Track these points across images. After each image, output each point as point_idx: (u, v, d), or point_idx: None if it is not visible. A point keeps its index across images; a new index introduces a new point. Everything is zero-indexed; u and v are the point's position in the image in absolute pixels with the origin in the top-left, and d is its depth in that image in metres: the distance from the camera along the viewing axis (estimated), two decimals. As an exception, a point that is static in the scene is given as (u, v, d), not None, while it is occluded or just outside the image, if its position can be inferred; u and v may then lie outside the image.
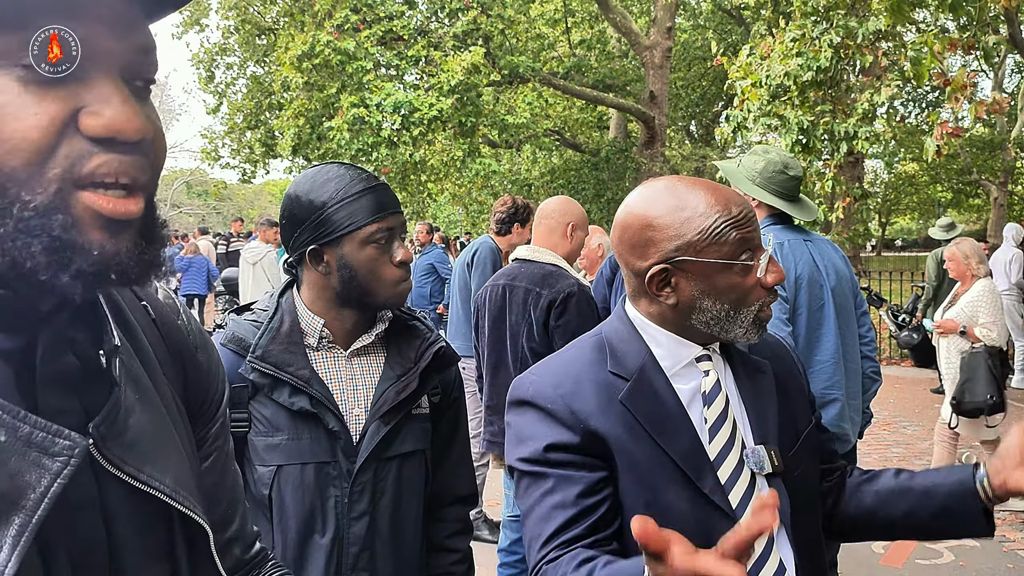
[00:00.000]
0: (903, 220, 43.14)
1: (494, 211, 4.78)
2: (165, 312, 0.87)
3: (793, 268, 2.76)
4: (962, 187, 27.80)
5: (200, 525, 0.77)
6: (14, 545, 0.59)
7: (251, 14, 17.92)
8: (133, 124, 0.64)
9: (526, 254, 3.00)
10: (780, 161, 2.92)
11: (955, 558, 4.47)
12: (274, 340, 1.53)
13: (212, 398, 0.91)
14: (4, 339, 0.66)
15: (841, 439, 2.82)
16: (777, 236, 2.83)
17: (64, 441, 0.64)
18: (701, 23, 22.77)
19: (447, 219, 27.91)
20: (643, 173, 17.98)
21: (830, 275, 2.83)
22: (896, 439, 7.06)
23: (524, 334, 2.86)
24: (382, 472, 1.53)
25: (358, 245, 1.50)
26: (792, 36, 7.07)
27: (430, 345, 1.59)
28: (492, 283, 3.04)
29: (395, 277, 1.53)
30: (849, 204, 7.77)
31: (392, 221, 1.53)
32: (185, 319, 0.90)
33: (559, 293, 2.79)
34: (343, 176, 1.52)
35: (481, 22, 14.64)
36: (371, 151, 13.37)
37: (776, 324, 2.68)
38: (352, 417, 1.54)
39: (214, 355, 0.93)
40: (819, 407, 2.74)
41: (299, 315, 1.57)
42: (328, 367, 1.56)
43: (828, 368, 2.76)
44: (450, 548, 1.67)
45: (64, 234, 0.62)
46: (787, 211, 2.91)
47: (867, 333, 2.97)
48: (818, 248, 2.88)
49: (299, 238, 1.53)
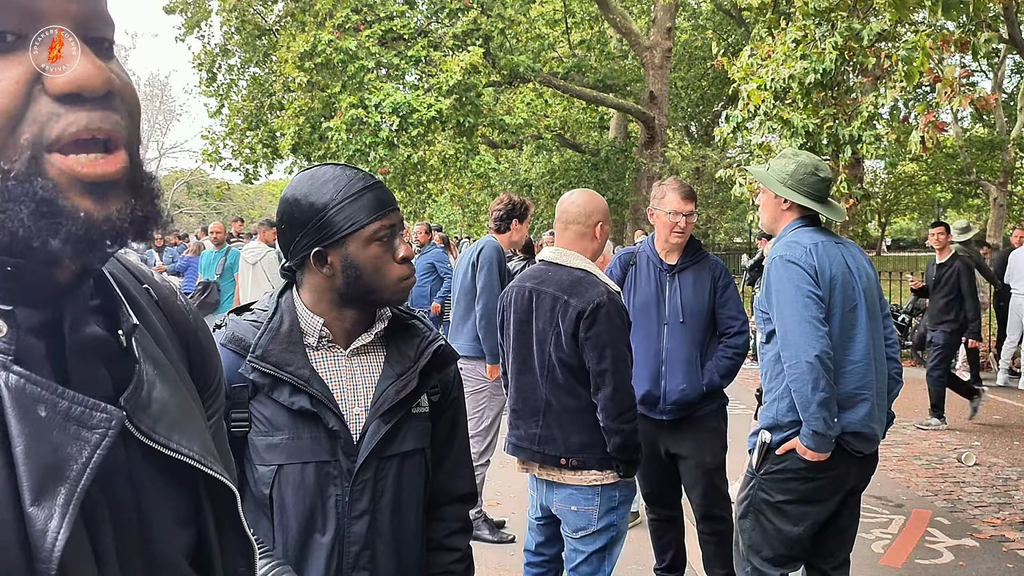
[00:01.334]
0: (903, 220, 43.14)
1: (491, 210, 4.79)
2: (165, 294, 0.89)
3: (828, 269, 2.78)
4: (962, 187, 27.79)
5: (226, 487, 0.80)
6: (63, 514, 0.62)
7: (251, 15, 17.92)
8: (96, 77, 0.64)
9: (553, 257, 2.90)
10: (811, 163, 2.95)
11: (955, 558, 4.47)
12: (274, 340, 1.53)
13: (215, 378, 0.94)
14: (32, 314, 0.68)
15: (869, 439, 2.84)
16: (812, 237, 2.86)
17: (101, 414, 0.66)
18: (701, 23, 22.77)
19: (446, 219, 27.88)
20: (643, 173, 17.99)
21: (861, 277, 2.86)
22: (896, 439, 7.06)
23: (552, 343, 2.81)
24: (382, 471, 1.54)
25: (362, 244, 1.51)
26: (793, 37, 7.07)
27: (430, 343, 1.59)
28: (518, 284, 2.95)
29: (400, 274, 1.54)
30: (852, 205, 7.76)
31: (393, 218, 1.53)
32: (182, 301, 0.92)
33: (588, 303, 2.71)
34: (340, 177, 1.52)
35: (481, 22, 14.65)
36: (369, 152, 13.37)
37: (813, 323, 2.69)
38: (352, 416, 1.54)
39: (212, 338, 0.95)
40: (850, 406, 2.77)
41: (299, 315, 1.58)
42: (328, 366, 1.56)
43: (860, 368, 2.79)
44: (449, 547, 1.67)
45: (48, 197, 0.63)
46: (820, 212, 2.94)
47: (890, 335, 3.00)
48: (849, 250, 2.92)
49: (300, 242, 1.53)
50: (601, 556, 2.86)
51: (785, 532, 2.85)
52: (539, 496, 3.02)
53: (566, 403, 2.82)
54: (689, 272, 3.47)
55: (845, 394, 2.77)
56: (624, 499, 2.89)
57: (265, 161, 18.98)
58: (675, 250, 3.51)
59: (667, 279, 3.49)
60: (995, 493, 5.62)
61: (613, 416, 2.72)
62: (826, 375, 2.68)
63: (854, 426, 2.78)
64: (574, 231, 2.89)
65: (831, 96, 7.26)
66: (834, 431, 2.73)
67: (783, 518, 2.85)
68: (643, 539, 4.33)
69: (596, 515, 2.83)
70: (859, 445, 2.82)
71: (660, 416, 3.47)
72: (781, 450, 2.83)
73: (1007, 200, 24.52)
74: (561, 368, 2.81)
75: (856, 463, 2.87)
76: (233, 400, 1.51)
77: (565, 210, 2.92)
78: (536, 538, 3.13)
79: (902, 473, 6.10)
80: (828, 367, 2.69)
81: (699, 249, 3.55)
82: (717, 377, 3.42)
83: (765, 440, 2.88)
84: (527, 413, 2.91)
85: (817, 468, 2.78)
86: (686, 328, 3.40)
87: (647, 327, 3.45)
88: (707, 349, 3.46)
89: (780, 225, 3.01)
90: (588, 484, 2.83)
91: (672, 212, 3.42)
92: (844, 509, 2.96)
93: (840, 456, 2.79)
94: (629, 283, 3.57)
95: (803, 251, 2.79)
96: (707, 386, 3.41)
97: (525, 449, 2.92)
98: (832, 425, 2.71)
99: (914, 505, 5.36)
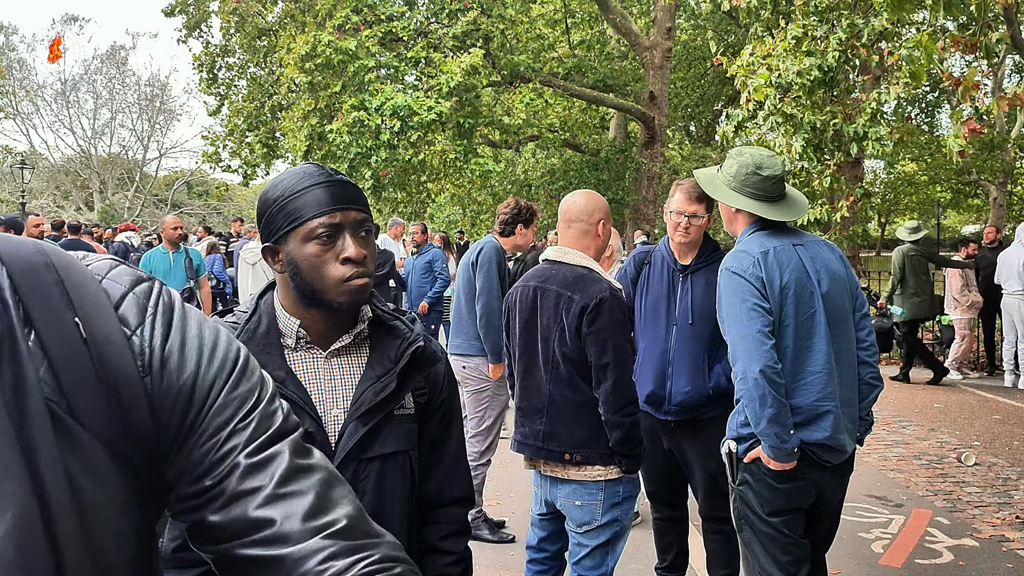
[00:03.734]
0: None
1: (498, 213, 4.83)
2: (109, 331, 0.80)
3: (778, 277, 2.67)
4: (961, 187, 27.82)
5: None
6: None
7: (251, 16, 17.92)
8: None
9: (556, 255, 2.95)
10: (752, 162, 2.82)
11: (955, 558, 4.47)
12: (250, 341, 1.52)
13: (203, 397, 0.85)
14: None
15: (836, 450, 2.75)
16: (763, 244, 2.73)
17: None
18: (701, 23, 22.77)
19: (446, 219, 27.87)
20: (643, 173, 18.00)
21: (822, 280, 2.73)
22: (896, 439, 7.07)
23: (556, 338, 2.84)
24: (362, 473, 1.52)
25: (300, 241, 1.47)
26: (794, 35, 7.06)
27: (409, 345, 1.57)
28: (523, 284, 3.00)
29: (340, 275, 1.47)
30: (853, 203, 7.76)
31: (341, 217, 1.47)
32: (147, 333, 0.82)
33: (591, 299, 2.75)
34: (296, 173, 1.51)
35: (481, 23, 14.65)
36: (370, 154, 13.37)
37: (757, 338, 2.61)
38: (331, 418, 1.53)
39: (197, 347, 0.85)
40: (812, 419, 2.68)
41: (277, 316, 1.57)
42: (306, 368, 1.55)
43: (820, 379, 2.68)
44: (444, 550, 1.65)
45: None
46: (763, 215, 2.79)
47: (867, 337, 2.87)
48: (809, 251, 2.77)
49: (261, 237, 1.56)
50: (604, 551, 2.90)
51: (777, 538, 2.81)
52: (543, 492, 3.04)
53: (569, 398, 2.85)
54: (702, 273, 3.42)
55: (806, 406, 2.67)
56: (628, 495, 2.92)
57: (264, 161, 18.99)
58: (688, 250, 3.45)
59: (679, 279, 3.45)
60: (995, 493, 5.62)
61: (614, 409, 2.76)
62: (773, 390, 2.59)
63: (818, 439, 2.69)
64: (577, 229, 2.94)
65: (832, 95, 7.26)
66: (791, 444, 2.64)
67: (769, 526, 2.80)
68: (644, 538, 4.34)
69: (600, 510, 2.86)
70: (827, 456, 2.74)
71: (665, 417, 3.47)
72: (748, 459, 2.78)
73: (1007, 200, 24.52)
74: (565, 363, 2.84)
75: (828, 471, 2.79)
76: None
77: (567, 209, 2.96)
78: (539, 533, 3.15)
79: (902, 473, 6.09)
80: (774, 381, 2.60)
81: (715, 250, 3.48)
82: (724, 380, 3.36)
83: (731, 450, 2.83)
84: (532, 410, 2.95)
85: (783, 477, 2.71)
86: (695, 329, 3.38)
87: (656, 327, 3.44)
88: (717, 351, 3.41)
89: (736, 228, 2.91)
90: (592, 480, 2.85)
91: (675, 212, 3.39)
92: (825, 514, 2.91)
93: (808, 464, 2.72)
94: (642, 282, 3.55)
95: (750, 261, 2.69)
96: (713, 389, 3.36)
97: (530, 446, 2.95)
98: (787, 438, 2.63)
99: (914, 505, 5.36)
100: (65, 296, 0.78)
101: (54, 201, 35.85)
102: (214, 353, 0.86)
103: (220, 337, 0.88)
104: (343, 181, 1.50)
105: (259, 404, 0.88)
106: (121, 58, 37.59)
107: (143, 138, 38.17)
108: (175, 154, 59.55)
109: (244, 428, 0.85)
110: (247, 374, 0.88)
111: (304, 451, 0.89)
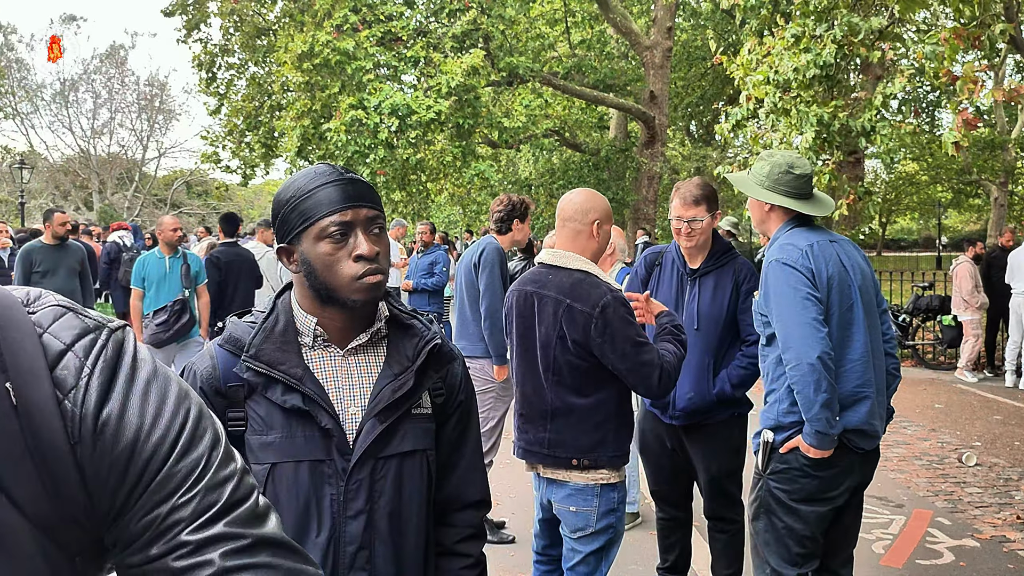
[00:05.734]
0: (903, 220, 43.13)
1: (492, 212, 4.77)
2: (40, 396, 0.74)
3: (824, 269, 2.78)
4: (962, 187, 27.80)
5: None
6: None
7: (250, 15, 17.91)
8: None
9: (552, 259, 2.86)
10: (785, 162, 2.93)
11: (955, 558, 4.46)
12: (268, 339, 1.53)
13: (140, 470, 0.77)
14: None
15: (870, 436, 2.84)
16: (807, 238, 2.85)
17: None
18: (701, 23, 22.76)
19: (446, 219, 27.87)
20: (643, 173, 17.98)
21: (856, 274, 2.86)
22: (896, 439, 7.05)
23: (557, 346, 2.78)
24: (379, 471, 1.53)
25: (313, 240, 1.48)
26: (793, 33, 7.05)
27: (427, 343, 1.58)
28: (519, 288, 2.92)
29: (353, 272, 1.48)
30: (854, 202, 7.74)
31: (352, 214, 1.48)
32: (79, 397, 0.75)
33: (594, 307, 2.69)
34: (308, 174, 1.52)
35: (481, 22, 14.63)
36: (368, 153, 13.35)
37: (813, 325, 2.69)
38: (348, 415, 1.53)
39: (138, 412, 0.78)
40: (850, 404, 2.78)
41: (294, 315, 1.58)
42: (324, 365, 1.55)
43: (859, 366, 2.79)
44: (460, 553, 1.66)
45: None
46: (800, 210, 2.91)
47: (888, 331, 3.01)
48: (843, 248, 2.91)
49: (276, 238, 1.57)
50: (599, 556, 2.88)
51: (797, 530, 2.87)
52: (541, 493, 3.02)
53: (574, 404, 2.80)
54: (711, 277, 3.39)
55: (846, 393, 2.78)
56: (623, 501, 2.91)
57: (263, 161, 18.98)
58: (696, 253, 3.43)
59: (688, 283, 3.43)
60: (996, 493, 5.61)
61: (665, 393, 2.77)
62: (828, 376, 2.69)
63: (856, 424, 2.79)
64: (570, 229, 2.86)
65: (832, 93, 7.25)
66: (836, 430, 2.74)
67: (793, 516, 2.87)
68: (643, 539, 4.33)
69: (595, 516, 2.84)
70: (861, 442, 2.84)
71: (671, 421, 3.46)
72: (784, 448, 2.84)
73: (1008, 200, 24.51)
74: (570, 370, 2.78)
75: (859, 459, 2.88)
76: (230, 399, 1.52)
77: (562, 208, 2.90)
78: (542, 542, 3.16)
79: (903, 473, 6.08)
80: (829, 368, 2.70)
81: (725, 252, 3.44)
82: (729, 387, 3.34)
83: (768, 440, 2.89)
84: (535, 417, 2.90)
85: (821, 465, 2.80)
86: (700, 335, 3.35)
87: None
88: (724, 356, 3.39)
89: (770, 227, 3.01)
90: (591, 484, 2.83)
91: (675, 218, 3.39)
92: (849, 507, 2.98)
93: (843, 452, 2.81)
94: (652, 284, 3.53)
95: (799, 253, 2.80)
96: (717, 395, 3.34)
97: (535, 453, 2.90)
98: (835, 424, 2.73)
99: (915, 505, 5.35)
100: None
101: (53, 201, 35.82)
102: (157, 420, 0.78)
103: (168, 398, 0.80)
104: (355, 179, 1.51)
105: (206, 474, 0.79)
106: (120, 58, 37.61)
107: (142, 138, 38.18)
108: (174, 154, 59.59)
109: (187, 503, 0.78)
110: (195, 439, 0.80)
111: (254, 520, 0.82)
